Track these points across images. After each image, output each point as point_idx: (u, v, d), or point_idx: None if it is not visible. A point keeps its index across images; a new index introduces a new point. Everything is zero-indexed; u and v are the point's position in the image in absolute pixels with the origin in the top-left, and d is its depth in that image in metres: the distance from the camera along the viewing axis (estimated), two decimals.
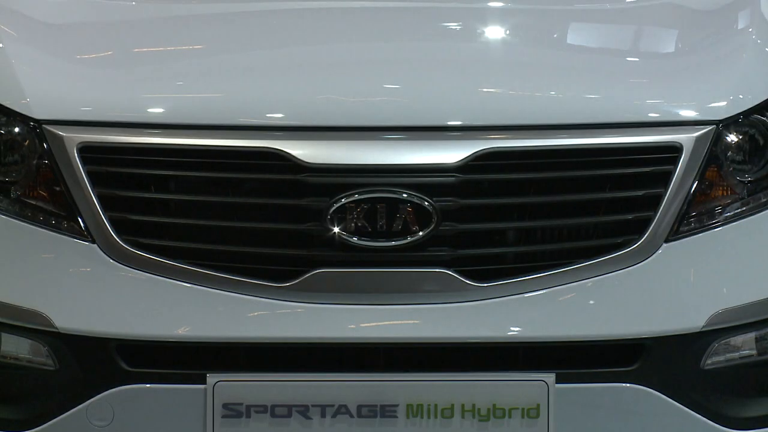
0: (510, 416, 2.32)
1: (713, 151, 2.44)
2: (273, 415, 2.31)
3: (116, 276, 2.37)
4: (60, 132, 2.41)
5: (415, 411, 2.32)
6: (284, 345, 2.36)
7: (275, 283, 2.33)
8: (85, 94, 2.56)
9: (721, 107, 2.49)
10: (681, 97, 2.56)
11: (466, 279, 2.33)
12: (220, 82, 2.68)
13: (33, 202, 2.46)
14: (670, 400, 2.37)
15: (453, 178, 2.33)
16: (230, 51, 2.93)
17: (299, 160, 2.33)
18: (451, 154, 2.35)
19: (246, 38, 3.00)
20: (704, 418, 2.39)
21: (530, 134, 2.43)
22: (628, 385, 2.35)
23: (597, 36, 3.20)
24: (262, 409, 2.31)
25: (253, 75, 2.73)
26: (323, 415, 2.32)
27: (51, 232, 2.42)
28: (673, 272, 2.41)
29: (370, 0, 3.28)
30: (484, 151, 2.34)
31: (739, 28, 3.02)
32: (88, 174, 2.37)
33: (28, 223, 2.43)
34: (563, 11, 3.23)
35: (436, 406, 2.32)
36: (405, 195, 2.31)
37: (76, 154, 2.39)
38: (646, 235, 2.37)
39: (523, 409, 2.31)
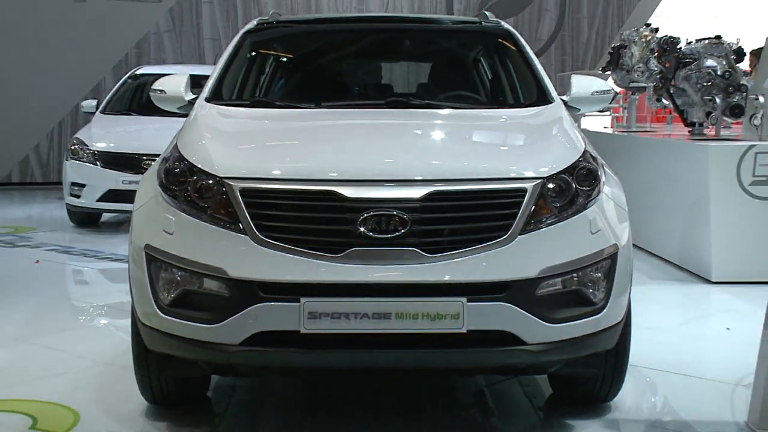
0: (445, 318, 2.58)
1: (541, 192, 2.74)
2: (332, 317, 2.58)
3: (257, 251, 2.64)
4: (231, 182, 2.72)
5: (399, 315, 2.58)
6: (337, 284, 2.61)
7: (333, 255, 2.62)
8: (242, 164, 2.83)
9: (545, 171, 2.79)
10: (527, 166, 2.82)
11: (424, 253, 2.62)
12: (306, 158, 2.94)
13: (218, 216, 2.72)
14: (520, 309, 2.62)
15: (418, 204, 2.64)
16: (312, 143, 3.16)
17: (344, 196, 2.64)
18: (416, 192, 2.66)
19: (320, 137, 3.22)
20: (536, 318, 2.64)
21: (455, 183, 2.71)
22: (501, 303, 2.61)
23: (489, 135, 3.39)
24: (327, 314, 2.58)
25: (323, 155, 2.94)
26: (355, 318, 2.58)
27: (226, 230, 2.70)
28: (522, 250, 2.67)
29: (380, 119, 3.42)
30: (433, 191, 2.67)
31: (553, 133, 3.24)
32: (244, 203, 2.68)
33: (215, 226, 2.71)
34: (474, 124, 3.41)
35: (410, 313, 2.58)
36: (395, 212, 2.62)
37: (238, 194, 2.70)
38: (509, 232, 2.67)
39: (451, 314, 2.58)
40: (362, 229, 2.63)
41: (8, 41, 11.29)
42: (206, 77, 3.84)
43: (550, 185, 2.79)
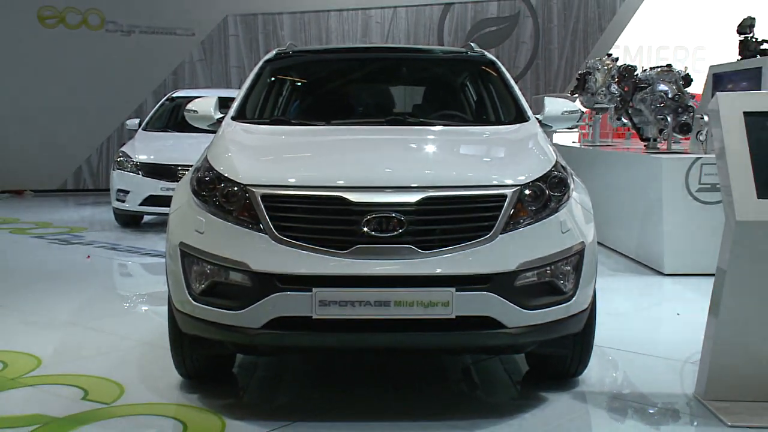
0: (437, 305, 2.55)
1: (519, 197, 2.72)
2: (339, 305, 2.54)
3: (275, 248, 2.61)
4: (253, 189, 2.69)
5: (397, 303, 2.54)
6: (344, 276, 2.57)
7: (340, 251, 2.59)
8: (263, 173, 2.80)
9: (522, 179, 2.77)
10: (507, 175, 2.79)
11: (419, 249, 2.60)
12: (318, 168, 2.91)
13: (242, 218, 2.69)
14: (501, 298, 2.60)
15: (413, 207, 2.61)
16: (323, 155, 3.13)
17: (350, 200, 2.62)
18: (412, 197, 2.63)
19: (330, 150, 3.19)
20: (515, 305, 2.62)
21: (446, 189, 2.67)
22: (485, 292, 2.58)
23: (474, 148, 3.29)
24: (335, 302, 2.54)
25: (332, 165, 2.90)
26: (359, 305, 2.54)
27: (249, 230, 2.67)
28: (503, 247, 2.64)
29: (381, 134, 3.36)
30: (426, 197, 2.64)
31: (529, 147, 3.21)
32: (265, 207, 2.66)
33: (239, 226, 2.68)
34: (462, 139, 3.34)
35: (406, 301, 2.55)
36: (394, 214, 2.59)
37: (260, 199, 2.67)
38: (492, 232, 2.65)
39: (442, 302, 2.55)
40: (365, 229, 2.60)
41: (65, 70, 11.37)
42: (232, 99, 3.80)
43: (527, 191, 2.77)
